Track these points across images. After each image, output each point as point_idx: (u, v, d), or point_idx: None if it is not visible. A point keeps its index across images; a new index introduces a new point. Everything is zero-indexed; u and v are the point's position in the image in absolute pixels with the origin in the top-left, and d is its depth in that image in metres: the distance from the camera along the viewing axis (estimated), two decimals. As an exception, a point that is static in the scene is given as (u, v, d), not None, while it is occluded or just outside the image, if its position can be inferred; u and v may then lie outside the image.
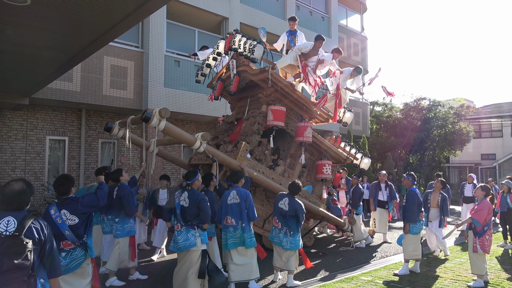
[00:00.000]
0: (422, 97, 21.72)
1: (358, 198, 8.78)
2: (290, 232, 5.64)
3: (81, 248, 3.75)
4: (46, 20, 4.60)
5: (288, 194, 5.83)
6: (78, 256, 3.73)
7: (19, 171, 9.82)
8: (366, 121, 19.20)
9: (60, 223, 3.60)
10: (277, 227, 5.77)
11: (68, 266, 3.67)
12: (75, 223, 3.66)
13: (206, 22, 12.84)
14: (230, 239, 5.37)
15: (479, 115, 27.96)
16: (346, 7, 18.71)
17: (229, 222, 5.39)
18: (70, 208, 3.68)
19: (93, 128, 11.04)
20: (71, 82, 9.83)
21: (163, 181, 7.46)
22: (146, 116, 5.16)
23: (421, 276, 6.21)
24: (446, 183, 7.78)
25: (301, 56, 7.91)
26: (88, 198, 3.84)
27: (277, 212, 5.78)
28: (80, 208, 3.71)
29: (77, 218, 3.68)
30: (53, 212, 3.62)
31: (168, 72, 11.35)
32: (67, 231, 3.61)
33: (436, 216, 7.43)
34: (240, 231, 5.36)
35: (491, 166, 26.93)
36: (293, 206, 5.62)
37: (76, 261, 3.73)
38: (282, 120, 7.37)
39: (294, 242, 5.64)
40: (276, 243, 5.81)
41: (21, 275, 2.44)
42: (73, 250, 3.71)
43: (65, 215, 3.64)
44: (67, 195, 3.76)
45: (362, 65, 18.92)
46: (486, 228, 5.73)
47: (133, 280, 5.79)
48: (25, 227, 2.54)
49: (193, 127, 13.05)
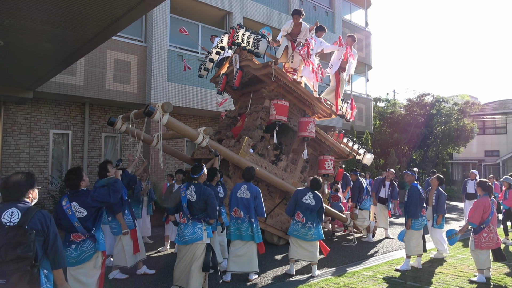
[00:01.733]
0: (426, 93, 21.65)
1: (358, 191, 8.78)
2: (313, 225, 5.84)
3: (91, 240, 3.76)
4: (48, 14, 4.61)
5: (310, 188, 5.97)
6: (88, 248, 3.74)
7: (23, 164, 9.88)
8: (370, 117, 19.15)
9: (70, 214, 3.63)
10: (301, 221, 5.89)
11: (79, 258, 3.70)
12: (83, 215, 3.68)
13: (209, 16, 12.81)
14: (236, 231, 5.54)
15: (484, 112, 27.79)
16: (350, 2, 18.60)
17: (237, 214, 5.54)
18: (80, 200, 3.70)
19: (97, 122, 11.09)
20: (75, 76, 9.86)
21: (178, 175, 7.37)
22: (149, 110, 5.17)
23: (423, 271, 6.22)
24: (443, 178, 7.33)
25: (288, 35, 8.04)
26: (99, 193, 3.82)
27: (302, 207, 5.89)
28: (90, 201, 3.72)
29: (86, 211, 3.69)
30: (64, 203, 3.66)
31: (171, 66, 11.35)
32: (76, 222, 3.64)
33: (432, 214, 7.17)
34: (247, 224, 5.51)
35: (494, 163, 26.81)
36: (319, 200, 5.86)
37: (86, 252, 3.74)
38: (285, 115, 7.37)
39: (318, 233, 5.90)
40: (297, 236, 5.92)
41: (24, 265, 2.49)
42: (83, 242, 3.72)
43: (75, 207, 3.66)
44: (77, 189, 3.77)
45: (366, 61, 18.85)
46: (484, 226, 5.72)
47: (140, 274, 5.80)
48: (28, 218, 2.59)
49: (196, 122, 13.07)
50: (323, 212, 6.01)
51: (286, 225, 7.65)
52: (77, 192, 3.74)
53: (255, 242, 5.53)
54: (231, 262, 5.52)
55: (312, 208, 5.85)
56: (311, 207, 5.85)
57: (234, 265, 5.51)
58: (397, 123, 21.15)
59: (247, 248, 5.55)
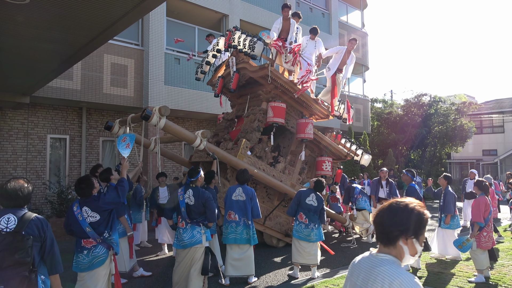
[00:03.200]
0: (423, 93, 21.71)
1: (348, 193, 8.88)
2: (315, 226, 5.91)
3: (103, 245, 3.73)
4: (45, 18, 4.60)
5: (313, 190, 6.03)
6: (99, 253, 3.71)
7: (21, 169, 9.85)
8: (367, 118, 19.18)
9: (81, 220, 3.62)
10: (304, 222, 5.93)
11: (91, 263, 3.67)
12: (96, 219, 3.67)
13: (206, 19, 12.82)
14: (230, 234, 5.48)
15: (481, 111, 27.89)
16: (346, 3, 18.65)
17: (232, 217, 5.49)
18: (91, 205, 3.70)
19: (94, 127, 11.06)
20: (72, 81, 9.84)
21: (162, 178, 7.46)
22: (146, 114, 5.17)
23: (422, 271, 6.22)
24: (451, 177, 7.11)
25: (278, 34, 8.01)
26: (110, 195, 3.85)
27: (305, 209, 5.94)
28: (102, 205, 3.73)
29: (99, 215, 3.69)
30: (75, 208, 3.66)
31: (168, 69, 11.35)
32: (87, 228, 3.63)
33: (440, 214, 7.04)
34: (242, 227, 5.46)
35: (492, 162, 26.89)
36: (321, 201, 5.96)
37: (98, 258, 3.71)
38: (282, 116, 7.37)
39: (319, 234, 5.98)
40: (301, 238, 5.93)
41: (22, 270, 2.48)
42: (94, 248, 3.69)
43: (87, 212, 3.66)
44: (88, 197, 3.76)
45: (363, 62, 18.89)
46: (484, 225, 5.71)
47: (137, 276, 5.80)
48: (25, 224, 2.58)
49: (193, 125, 13.06)
50: (324, 213, 6.07)
51: (285, 227, 7.64)
52: (89, 198, 3.74)
53: (250, 245, 5.50)
54: (229, 267, 5.48)
55: (315, 209, 5.91)
56: (314, 208, 5.90)
57: (233, 269, 5.48)
58: (395, 123, 21.20)
59: (245, 252, 5.51)
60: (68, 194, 9.35)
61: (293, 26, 7.95)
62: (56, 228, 8.38)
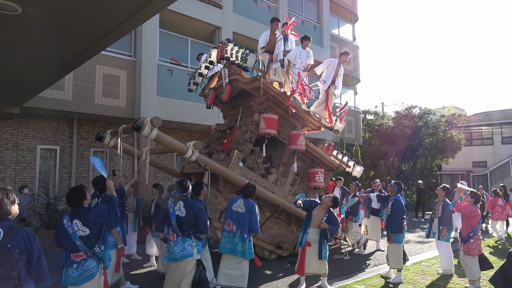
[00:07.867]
0: (413, 105, 21.99)
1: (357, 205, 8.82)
2: (324, 241, 5.81)
3: (93, 259, 3.64)
4: (37, 29, 4.60)
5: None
6: (89, 267, 3.62)
7: (9, 181, 9.70)
8: (359, 130, 19.31)
9: (71, 232, 3.53)
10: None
11: (80, 277, 3.57)
12: (86, 234, 3.57)
13: (199, 31, 12.90)
14: (227, 244, 5.47)
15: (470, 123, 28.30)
16: (338, 16, 18.93)
17: (230, 227, 5.48)
18: (82, 218, 3.60)
19: (85, 137, 10.98)
20: (63, 91, 9.79)
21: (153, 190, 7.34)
22: (137, 125, 5.15)
23: (414, 283, 6.21)
24: (450, 189, 6.99)
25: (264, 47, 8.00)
26: (101, 208, 3.76)
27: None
28: (92, 218, 3.63)
29: (89, 230, 3.58)
30: (66, 221, 3.57)
31: (160, 81, 11.36)
32: (78, 241, 3.53)
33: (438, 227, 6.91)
34: (238, 239, 5.43)
35: (482, 173, 27.18)
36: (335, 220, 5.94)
37: (88, 272, 3.61)
38: (274, 128, 7.39)
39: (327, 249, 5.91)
40: None
41: (8, 284, 2.42)
42: (84, 261, 3.60)
43: (77, 225, 3.57)
44: (79, 207, 3.69)
45: (354, 74, 19.10)
46: (472, 235, 5.75)
47: (124, 290, 5.71)
48: (11, 237, 2.52)
49: (185, 136, 13.03)
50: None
51: (277, 239, 7.60)
52: (79, 210, 3.65)
53: (246, 258, 5.46)
54: (221, 275, 5.44)
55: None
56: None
57: (224, 278, 5.44)
58: (386, 135, 21.38)
59: (238, 263, 5.48)
60: (57, 205, 9.22)
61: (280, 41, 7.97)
62: (45, 240, 8.23)
